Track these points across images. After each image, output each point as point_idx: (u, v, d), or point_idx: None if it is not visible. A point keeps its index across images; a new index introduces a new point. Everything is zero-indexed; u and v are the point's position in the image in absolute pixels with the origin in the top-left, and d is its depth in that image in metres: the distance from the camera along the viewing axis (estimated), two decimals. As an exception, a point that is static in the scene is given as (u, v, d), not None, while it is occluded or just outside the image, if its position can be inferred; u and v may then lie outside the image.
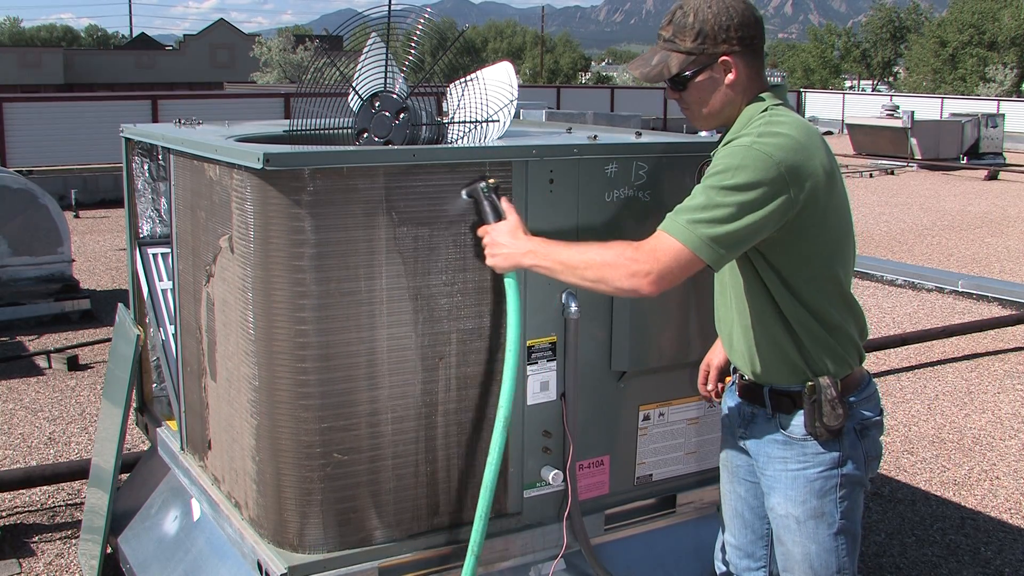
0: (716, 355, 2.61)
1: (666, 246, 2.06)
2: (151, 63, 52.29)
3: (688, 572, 2.88)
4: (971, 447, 5.28)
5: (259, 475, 2.41)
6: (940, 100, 34.71)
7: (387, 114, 2.64)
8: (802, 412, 2.23)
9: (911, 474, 4.88)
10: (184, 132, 2.90)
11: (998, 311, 8.38)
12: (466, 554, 2.36)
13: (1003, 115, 24.22)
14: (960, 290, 9.08)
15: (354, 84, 2.70)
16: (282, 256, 2.25)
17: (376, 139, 2.67)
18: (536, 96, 24.10)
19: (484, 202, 2.35)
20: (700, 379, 2.66)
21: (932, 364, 6.86)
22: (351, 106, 2.71)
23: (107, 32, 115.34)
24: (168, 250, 3.10)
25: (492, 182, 2.36)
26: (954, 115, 24.71)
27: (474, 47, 2.93)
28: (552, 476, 2.58)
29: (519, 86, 2.67)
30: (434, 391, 2.42)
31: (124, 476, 3.79)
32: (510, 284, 2.32)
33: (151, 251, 3.39)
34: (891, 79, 65.29)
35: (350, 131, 2.72)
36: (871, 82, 66.70)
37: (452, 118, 2.71)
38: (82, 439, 5.29)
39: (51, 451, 5.14)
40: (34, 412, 5.72)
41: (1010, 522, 4.35)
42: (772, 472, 2.32)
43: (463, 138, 2.67)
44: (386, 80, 2.65)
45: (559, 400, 2.58)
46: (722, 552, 2.61)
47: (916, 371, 6.70)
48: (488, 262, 2.33)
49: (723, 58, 2.17)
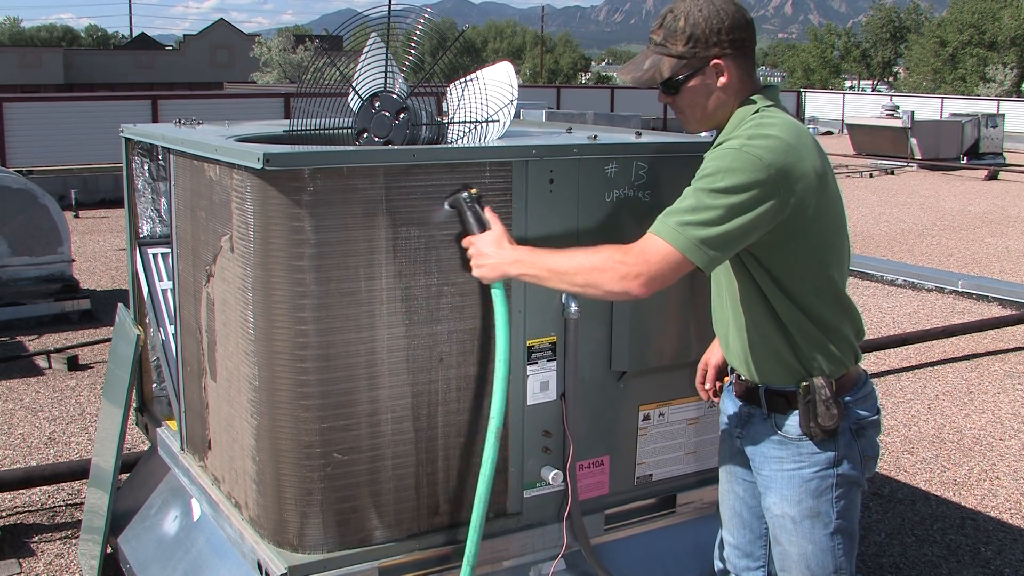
0: (714, 355, 2.62)
1: (656, 248, 2.06)
2: (151, 63, 52.27)
3: (688, 572, 2.88)
4: (971, 447, 5.28)
5: (259, 475, 2.41)
6: (940, 100, 34.71)
7: (387, 114, 2.64)
8: (797, 412, 2.24)
9: (911, 474, 4.88)
10: (184, 132, 2.90)
11: (998, 311, 8.38)
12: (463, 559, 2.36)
13: (1003, 115, 24.21)
14: (960, 290, 9.07)
15: (354, 84, 2.70)
16: (282, 256, 2.25)
17: (376, 139, 2.67)
18: (536, 96, 24.10)
19: (467, 212, 2.31)
20: (698, 378, 2.66)
21: (932, 364, 6.86)
22: (351, 106, 2.71)
23: (107, 32, 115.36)
24: (168, 250, 3.10)
25: (474, 192, 2.33)
26: (954, 115, 24.71)
27: (474, 47, 2.93)
28: (552, 476, 2.58)
29: (519, 86, 2.67)
30: (434, 391, 2.42)
31: (124, 476, 3.79)
32: (497, 295, 2.31)
33: (151, 251, 3.39)
34: (891, 79, 65.32)
35: (350, 131, 2.71)
36: (871, 82, 66.72)
37: (452, 118, 2.71)
38: (82, 439, 5.29)
39: (51, 451, 5.14)
40: (34, 412, 5.72)
41: (1010, 522, 4.35)
42: (768, 472, 2.32)
43: (463, 138, 2.67)
44: (386, 80, 2.65)
45: (559, 400, 2.58)
46: (721, 552, 2.62)
47: (916, 371, 6.70)
48: (474, 273, 2.31)
49: (715, 61, 2.18)
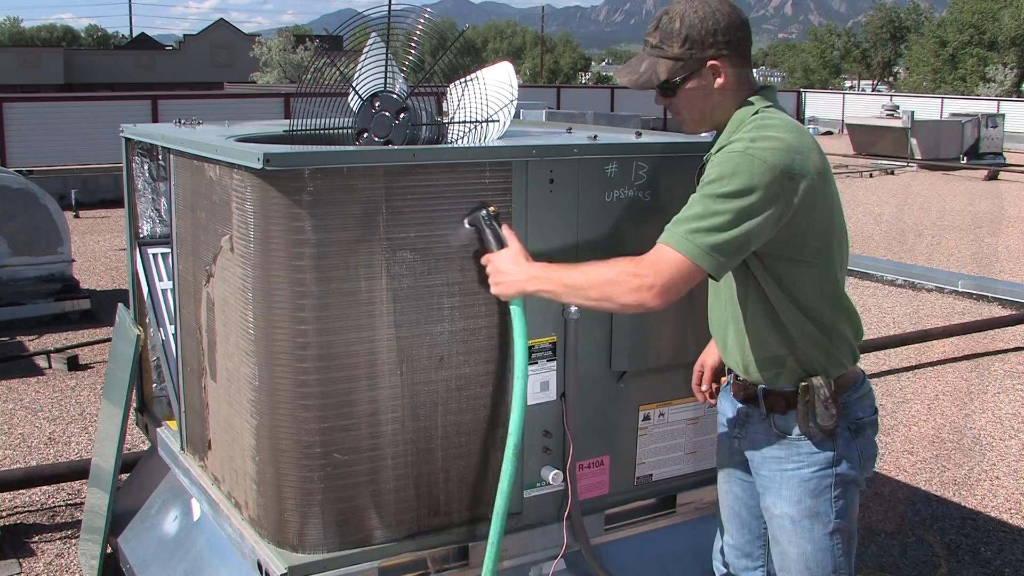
0: (710, 355, 2.61)
1: (667, 258, 2.06)
2: (151, 63, 52.25)
3: (688, 572, 2.88)
4: (971, 447, 5.28)
5: (259, 475, 2.41)
6: (940, 100, 34.71)
7: (387, 114, 2.64)
8: (796, 412, 2.24)
9: (911, 474, 4.88)
10: (184, 132, 2.90)
11: (998, 311, 8.38)
12: (485, 551, 2.36)
13: (1003, 115, 24.23)
14: (960, 290, 9.08)
15: (354, 84, 2.70)
16: (282, 256, 2.25)
17: (376, 139, 2.67)
18: (536, 96, 24.12)
19: (486, 230, 2.35)
20: (694, 380, 2.65)
21: (932, 364, 6.86)
22: (351, 106, 2.71)
23: (107, 32, 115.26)
24: (168, 250, 3.10)
25: (493, 210, 2.36)
26: (954, 115, 24.71)
27: (474, 47, 2.92)
28: (552, 476, 2.58)
29: (519, 86, 2.67)
30: (434, 391, 2.42)
31: (124, 476, 3.79)
32: (516, 312, 2.33)
33: (151, 251, 3.38)
34: (891, 79, 65.28)
35: (350, 131, 2.71)
36: (871, 82, 66.69)
37: (452, 118, 2.71)
38: (82, 439, 5.30)
39: (51, 451, 5.14)
40: (34, 412, 5.72)
41: (1010, 522, 4.35)
42: (767, 472, 2.32)
43: (463, 138, 2.67)
44: (386, 80, 2.65)
45: (559, 400, 2.58)
46: (720, 552, 2.61)
47: (916, 371, 6.70)
48: (493, 291, 2.33)
49: (711, 63, 2.18)
